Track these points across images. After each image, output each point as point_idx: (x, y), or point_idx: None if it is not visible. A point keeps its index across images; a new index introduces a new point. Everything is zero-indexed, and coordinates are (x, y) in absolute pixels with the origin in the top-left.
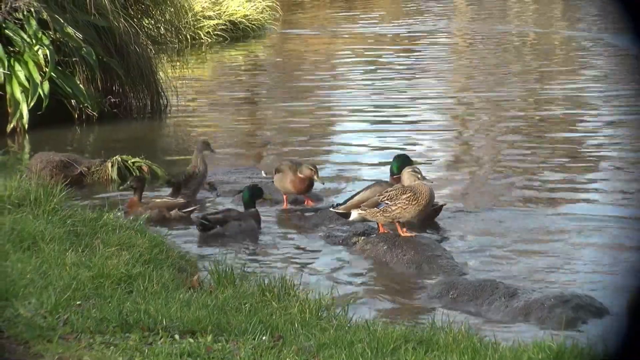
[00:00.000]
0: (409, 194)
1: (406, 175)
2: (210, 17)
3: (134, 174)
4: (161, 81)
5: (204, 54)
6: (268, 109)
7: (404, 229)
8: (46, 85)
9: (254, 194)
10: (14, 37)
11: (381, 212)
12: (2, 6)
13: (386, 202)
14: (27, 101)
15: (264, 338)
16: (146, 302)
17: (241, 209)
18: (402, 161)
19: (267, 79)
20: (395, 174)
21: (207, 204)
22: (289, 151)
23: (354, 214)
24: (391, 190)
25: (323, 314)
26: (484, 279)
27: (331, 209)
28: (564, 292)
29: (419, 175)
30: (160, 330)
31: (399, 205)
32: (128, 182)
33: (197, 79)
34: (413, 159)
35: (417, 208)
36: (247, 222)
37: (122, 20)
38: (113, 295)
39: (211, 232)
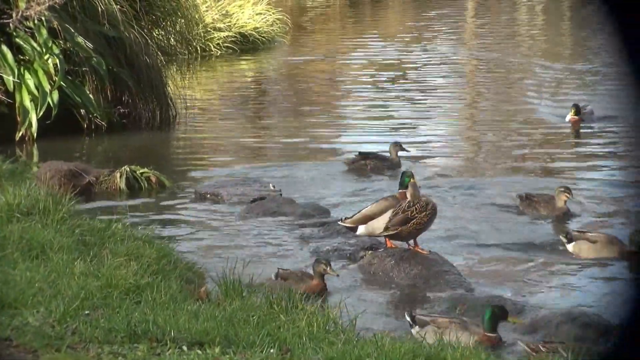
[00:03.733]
0: (431, 205)
1: (414, 189)
2: (220, 29)
3: (142, 184)
4: (171, 92)
5: (213, 65)
6: (276, 121)
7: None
8: (55, 95)
9: (498, 316)
10: (24, 46)
11: (414, 225)
12: (13, 15)
13: (416, 215)
14: (36, 110)
15: (272, 351)
16: (154, 313)
17: None
18: (409, 176)
19: (275, 92)
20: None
21: None
22: (295, 161)
23: (361, 229)
24: (413, 205)
25: (331, 328)
26: (491, 295)
27: (339, 222)
28: (572, 310)
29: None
30: (168, 342)
31: (428, 216)
32: (316, 267)
33: (206, 91)
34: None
35: (432, 221)
36: None
37: (133, 30)
38: (121, 305)
39: None
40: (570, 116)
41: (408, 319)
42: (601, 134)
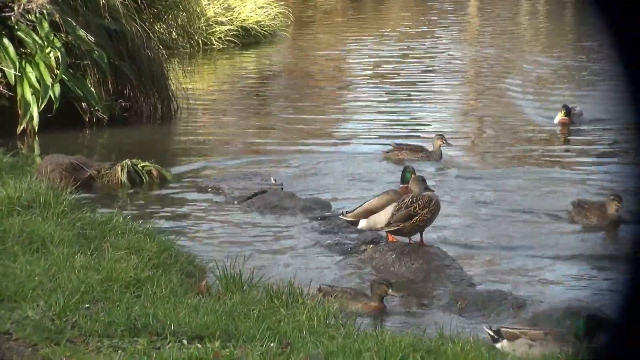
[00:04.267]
0: (434, 201)
1: (416, 184)
2: (222, 23)
3: (144, 178)
4: (172, 86)
5: (215, 59)
6: (277, 115)
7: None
8: (57, 88)
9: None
10: (26, 39)
11: (417, 221)
12: (15, 8)
13: (419, 211)
14: (37, 103)
15: (272, 345)
16: (155, 307)
17: None
18: (411, 171)
19: (277, 85)
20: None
21: None
22: (294, 157)
23: (362, 223)
24: (416, 201)
25: (331, 322)
26: (492, 290)
27: (341, 217)
28: (572, 304)
29: (426, 184)
30: (168, 335)
31: (431, 212)
32: (377, 289)
33: (208, 84)
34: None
35: (435, 216)
36: None
37: (135, 24)
38: (121, 299)
39: None
40: (559, 117)
41: (491, 332)
42: (591, 136)
